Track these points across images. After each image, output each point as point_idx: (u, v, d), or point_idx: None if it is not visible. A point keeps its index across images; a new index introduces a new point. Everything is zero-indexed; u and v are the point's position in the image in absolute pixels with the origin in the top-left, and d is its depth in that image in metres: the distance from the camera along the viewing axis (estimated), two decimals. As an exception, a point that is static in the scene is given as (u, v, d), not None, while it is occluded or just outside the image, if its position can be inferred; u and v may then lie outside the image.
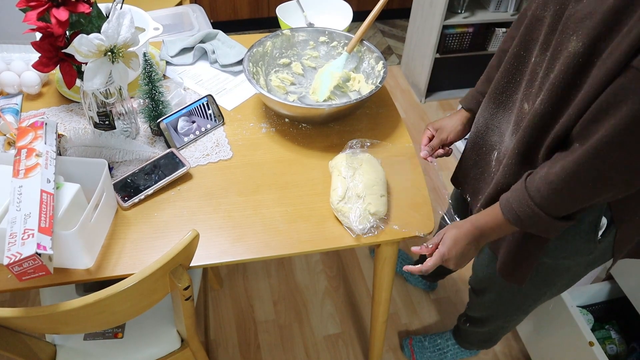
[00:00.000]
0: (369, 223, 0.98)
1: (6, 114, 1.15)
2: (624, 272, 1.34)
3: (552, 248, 0.97)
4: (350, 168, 1.03)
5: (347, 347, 1.66)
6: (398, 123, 1.23)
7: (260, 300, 1.76)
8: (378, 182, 1.03)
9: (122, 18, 0.92)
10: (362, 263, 1.89)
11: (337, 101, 1.26)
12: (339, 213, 1.00)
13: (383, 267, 1.15)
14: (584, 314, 1.45)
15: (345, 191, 1.00)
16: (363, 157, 1.07)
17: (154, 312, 1.14)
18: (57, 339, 1.11)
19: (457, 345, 1.57)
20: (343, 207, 0.99)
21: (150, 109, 1.13)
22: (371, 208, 0.98)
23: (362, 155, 1.07)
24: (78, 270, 0.91)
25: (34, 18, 0.87)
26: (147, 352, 1.11)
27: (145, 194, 1.02)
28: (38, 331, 1.05)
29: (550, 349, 1.46)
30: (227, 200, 1.04)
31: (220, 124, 1.20)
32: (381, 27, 3.18)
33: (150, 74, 1.08)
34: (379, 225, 1.00)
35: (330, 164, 1.09)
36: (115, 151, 1.07)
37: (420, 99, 2.60)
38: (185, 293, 0.91)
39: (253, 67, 1.21)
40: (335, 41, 1.30)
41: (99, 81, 0.94)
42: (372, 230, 0.99)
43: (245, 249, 0.96)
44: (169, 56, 1.36)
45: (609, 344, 1.46)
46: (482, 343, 1.48)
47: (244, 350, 1.63)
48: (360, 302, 1.78)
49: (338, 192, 1.01)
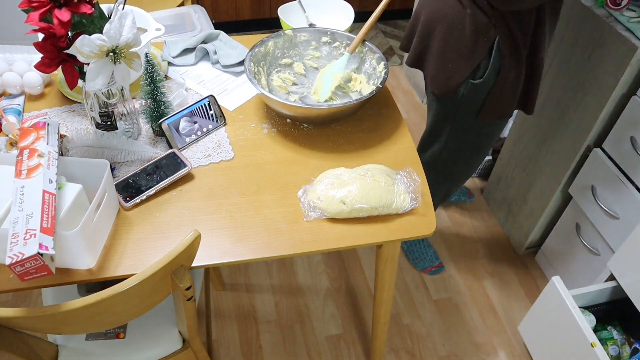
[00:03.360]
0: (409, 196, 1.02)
1: (8, 115, 1.15)
2: (625, 272, 1.33)
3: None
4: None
5: (348, 347, 1.66)
6: (399, 123, 1.23)
7: (262, 300, 1.76)
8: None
9: (124, 19, 0.92)
10: (364, 263, 1.89)
11: (338, 101, 1.26)
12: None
13: (385, 268, 1.15)
14: (586, 314, 1.44)
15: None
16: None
17: (156, 313, 1.14)
18: (59, 339, 1.11)
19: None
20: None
21: (152, 110, 1.13)
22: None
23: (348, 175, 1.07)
24: (80, 271, 0.91)
25: (36, 19, 0.87)
26: (149, 352, 1.11)
27: (147, 194, 1.03)
28: (40, 331, 1.05)
29: (552, 350, 1.45)
30: (229, 201, 1.04)
31: (221, 125, 1.20)
32: (383, 27, 3.18)
33: (152, 74, 1.08)
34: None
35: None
36: (117, 151, 1.08)
37: (422, 99, 2.60)
38: (187, 293, 0.91)
39: (255, 67, 1.21)
40: (337, 42, 1.30)
41: (101, 82, 0.94)
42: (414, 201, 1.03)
43: (247, 249, 0.96)
44: (170, 57, 1.36)
45: (611, 345, 1.46)
46: (438, 182, 1.60)
47: (246, 350, 1.64)
48: (362, 303, 1.78)
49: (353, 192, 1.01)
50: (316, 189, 1.02)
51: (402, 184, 1.03)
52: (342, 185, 1.01)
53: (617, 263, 1.36)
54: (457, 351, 1.67)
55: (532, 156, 1.75)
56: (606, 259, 1.50)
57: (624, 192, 1.41)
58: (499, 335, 1.72)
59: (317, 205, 1.01)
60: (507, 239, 2.00)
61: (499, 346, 1.69)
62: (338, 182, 1.02)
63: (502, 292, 1.84)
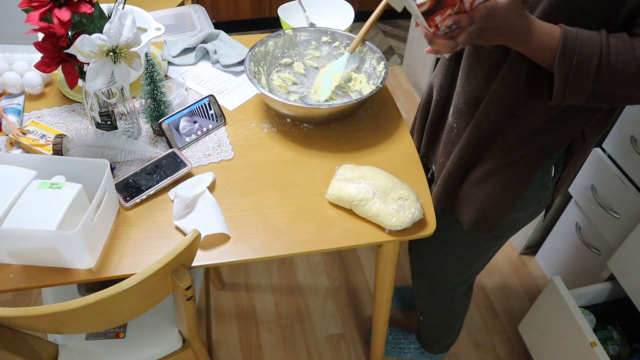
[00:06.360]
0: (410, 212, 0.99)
1: (8, 114, 1.15)
2: (626, 272, 1.33)
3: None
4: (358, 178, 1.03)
5: (348, 347, 1.66)
6: (400, 123, 1.23)
7: (262, 300, 1.76)
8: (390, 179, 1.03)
9: (124, 18, 0.92)
10: (364, 263, 1.89)
11: (338, 101, 1.26)
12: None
13: (385, 268, 1.15)
14: (586, 314, 1.44)
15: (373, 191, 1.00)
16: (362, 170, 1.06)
17: (156, 312, 1.14)
18: (59, 338, 1.11)
19: (420, 350, 1.61)
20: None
21: (152, 109, 1.13)
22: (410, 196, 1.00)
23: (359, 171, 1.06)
24: (80, 270, 0.91)
25: (36, 18, 0.87)
26: (149, 352, 1.11)
27: (147, 194, 1.03)
28: (40, 331, 1.05)
29: (552, 350, 1.45)
30: (229, 200, 1.04)
31: (222, 124, 1.20)
32: (383, 27, 3.18)
33: (152, 74, 1.08)
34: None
35: (332, 195, 1.04)
36: (117, 151, 1.07)
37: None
38: (187, 293, 0.91)
39: (255, 67, 1.21)
40: (337, 41, 1.30)
41: (101, 81, 0.94)
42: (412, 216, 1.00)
43: (247, 249, 0.96)
44: (170, 56, 1.36)
45: (611, 345, 1.46)
46: (438, 339, 1.52)
47: (246, 350, 1.64)
48: (362, 303, 1.78)
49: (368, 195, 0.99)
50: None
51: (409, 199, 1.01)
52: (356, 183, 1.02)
53: (617, 262, 1.36)
54: (457, 351, 1.67)
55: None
56: (606, 258, 1.50)
57: (624, 192, 1.41)
58: (499, 335, 1.72)
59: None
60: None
61: (499, 346, 1.69)
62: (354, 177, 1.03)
63: (502, 292, 1.84)
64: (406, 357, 1.63)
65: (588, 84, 0.75)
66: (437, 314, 1.42)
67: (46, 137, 1.11)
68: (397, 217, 0.97)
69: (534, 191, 0.98)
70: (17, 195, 0.90)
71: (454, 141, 1.01)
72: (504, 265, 1.92)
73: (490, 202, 0.99)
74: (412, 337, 1.63)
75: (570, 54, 0.74)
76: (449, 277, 1.26)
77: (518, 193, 0.97)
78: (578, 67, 0.74)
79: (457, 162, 0.99)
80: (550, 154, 0.93)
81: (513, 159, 0.94)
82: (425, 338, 1.56)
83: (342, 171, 1.05)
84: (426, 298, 1.39)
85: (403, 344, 1.63)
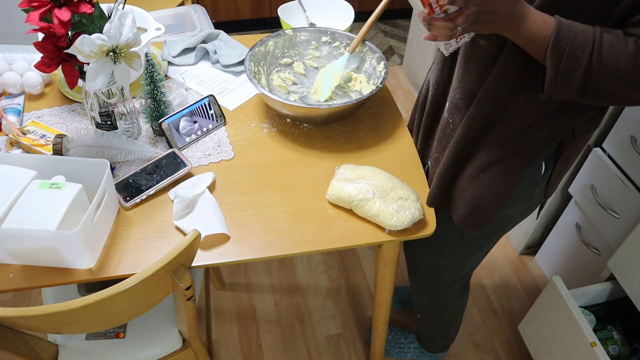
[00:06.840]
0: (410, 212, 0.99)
1: (8, 114, 1.15)
2: (626, 272, 1.33)
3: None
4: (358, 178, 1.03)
5: (348, 347, 1.66)
6: (400, 123, 1.23)
7: (262, 300, 1.76)
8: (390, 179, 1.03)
9: (124, 18, 0.92)
10: (364, 263, 1.89)
11: (338, 101, 1.26)
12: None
13: (385, 268, 1.15)
14: (586, 314, 1.44)
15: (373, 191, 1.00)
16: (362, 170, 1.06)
17: (156, 312, 1.14)
18: (59, 338, 1.11)
19: (420, 349, 1.61)
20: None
21: (152, 109, 1.13)
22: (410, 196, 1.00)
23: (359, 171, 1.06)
24: (80, 270, 0.91)
25: (36, 18, 0.87)
26: (149, 352, 1.11)
27: (147, 194, 1.03)
28: (40, 331, 1.05)
29: (552, 350, 1.45)
30: (229, 200, 1.04)
31: (222, 124, 1.20)
32: (383, 27, 3.18)
33: (152, 74, 1.08)
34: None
35: (332, 195, 1.04)
36: (117, 151, 1.07)
37: (422, 99, 2.59)
38: (187, 293, 0.91)
39: (255, 67, 1.21)
40: (337, 41, 1.30)
41: (101, 81, 0.94)
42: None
43: (247, 249, 0.96)
44: (170, 56, 1.36)
45: (611, 345, 1.46)
46: (436, 337, 1.53)
47: (246, 350, 1.64)
48: (362, 303, 1.78)
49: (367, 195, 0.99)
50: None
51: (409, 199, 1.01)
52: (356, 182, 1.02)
53: (617, 262, 1.36)
54: (457, 351, 1.67)
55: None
56: (606, 258, 1.50)
57: (624, 192, 1.41)
58: (499, 335, 1.72)
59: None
60: (507, 238, 2.00)
61: (499, 346, 1.69)
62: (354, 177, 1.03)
63: (502, 292, 1.84)
64: (406, 357, 1.63)
65: (579, 76, 0.75)
66: (434, 312, 1.42)
67: (46, 137, 1.11)
68: (397, 217, 0.97)
69: (524, 187, 0.99)
70: (17, 195, 0.90)
71: (449, 136, 1.02)
72: (504, 265, 1.92)
73: (481, 198, 0.99)
74: (412, 337, 1.63)
75: (563, 44, 0.74)
76: (443, 274, 1.27)
77: (509, 189, 0.98)
78: (570, 56, 0.74)
79: (452, 157, 0.99)
80: (541, 150, 0.94)
81: (505, 154, 0.95)
82: (424, 337, 1.56)
83: (342, 171, 1.05)
84: (422, 296, 1.39)
85: (403, 344, 1.63)
